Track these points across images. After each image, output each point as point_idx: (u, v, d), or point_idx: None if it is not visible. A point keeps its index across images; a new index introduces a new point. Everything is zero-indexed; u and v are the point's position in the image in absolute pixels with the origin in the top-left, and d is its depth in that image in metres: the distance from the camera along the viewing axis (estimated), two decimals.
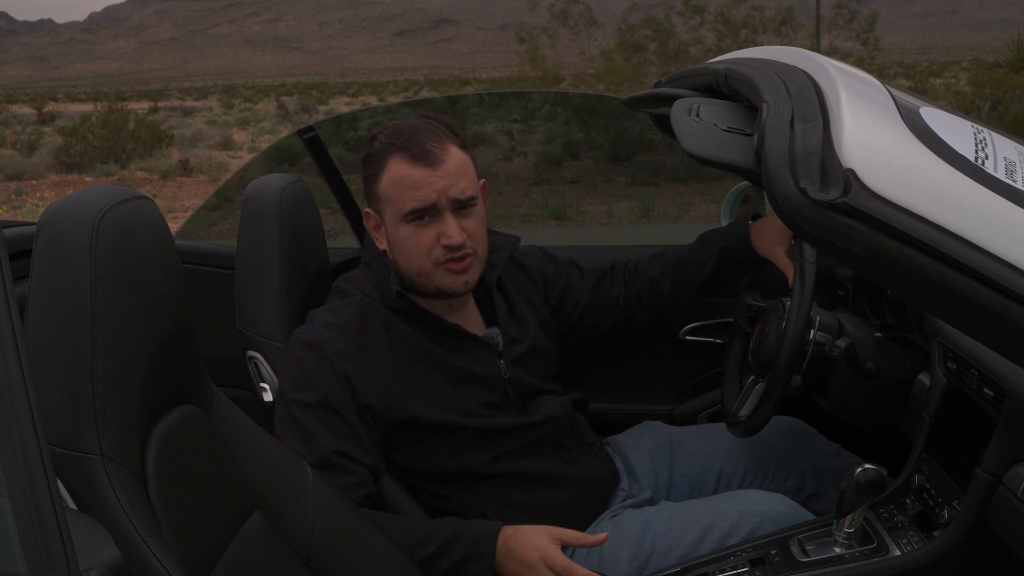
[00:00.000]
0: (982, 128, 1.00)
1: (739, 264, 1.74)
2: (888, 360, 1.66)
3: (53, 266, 0.95)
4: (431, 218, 1.50)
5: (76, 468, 0.93)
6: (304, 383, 1.48)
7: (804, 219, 0.83)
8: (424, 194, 1.48)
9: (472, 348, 1.59)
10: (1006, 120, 10.23)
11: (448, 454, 1.54)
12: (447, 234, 1.49)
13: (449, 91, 38.16)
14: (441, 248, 1.50)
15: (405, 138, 1.50)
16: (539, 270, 1.77)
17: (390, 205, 1.52)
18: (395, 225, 1.52)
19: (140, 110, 24.04)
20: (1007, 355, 0.92)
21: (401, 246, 1.53)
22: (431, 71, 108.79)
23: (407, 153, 1.49)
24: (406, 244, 1.52)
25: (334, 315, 1.55)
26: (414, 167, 1.49)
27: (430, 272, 1.52)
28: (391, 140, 1.51)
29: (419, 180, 1.48)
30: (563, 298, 1.78)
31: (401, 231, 1.52)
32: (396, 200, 1.50)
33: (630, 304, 1.80)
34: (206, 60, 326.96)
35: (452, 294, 1.55)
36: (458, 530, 1.43)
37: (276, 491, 1.21)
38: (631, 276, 1.81)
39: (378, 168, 1.53)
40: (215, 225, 7.27)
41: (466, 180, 1.51)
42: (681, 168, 9.84)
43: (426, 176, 1.48)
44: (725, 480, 1.74)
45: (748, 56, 1.22)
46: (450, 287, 1.53)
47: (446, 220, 1.50)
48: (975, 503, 1.27)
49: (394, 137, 1.51)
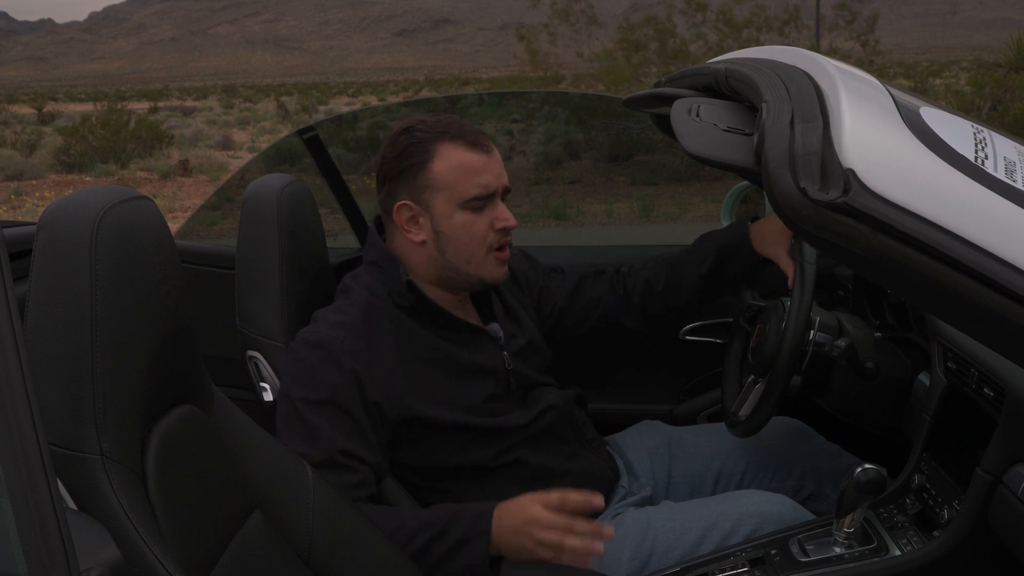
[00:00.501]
0: (982, 128, 1.00)
1: (737, 264, 1.73)
2: (888, 360, 1.66)
3: (53, 266, 0.95)
4: (486, 204, 1.54)
5: (76, 468, 0.93)
6: (310, 381, 1.47)
7: (804, 219, 0.83)
8: (487, 180, 1.53)
9: (477, 341, 1.60)
10: (1006, 120, 10.23)
11: (451, 451, 1.55)
12: (503, 218, 1.55)
13: (449, 91, 38.17)
14: (495, 233, 1.55)
15: (455, 126, 1.53)
16: (521, 272, 1.80)
17: (444, 192, 1.53)
18: (448, 213, 1.53)
19: (140, 110, 24.04)
20: (1007, 355, 0.92)
21: (454, 233, 1.54)
22: (431, 71, 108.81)
23: (463, 140, 1.52)
24: (461, 231, 1.54)
25: (340, 314, 1.55)
26: (474, 153, 1.52)
27: (482, 259, 1.56)
28: (440, 128, 1.53)
29: (481, 165, 1.52)
30: (540, 300, 1.80)
31: (456, 218, 1.53)
32: (456, 186, 1.52)
33: (615, 307, 1.80)
34: (206, 60, 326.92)
35: (494, 283, 1.60)
36: (453, 514, 1.43)
37: (276, 491, 1.21)
38: (623, 279, 1.81)
39: (425, 156, 1.53)
40: (215, 225, 7.27)
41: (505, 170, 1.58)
42: (681, 168, 9.84)
43: (486, 162, 1.53)
44: (725, 480, 1.74)
45: (748, 56, 1.22)
46: (494, 276, 1.58)
47: (499, 206, 1.55)
48: (975, 503, 1.27)
49: (440, 126, 1.54)
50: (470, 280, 1.58)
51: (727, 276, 1.75)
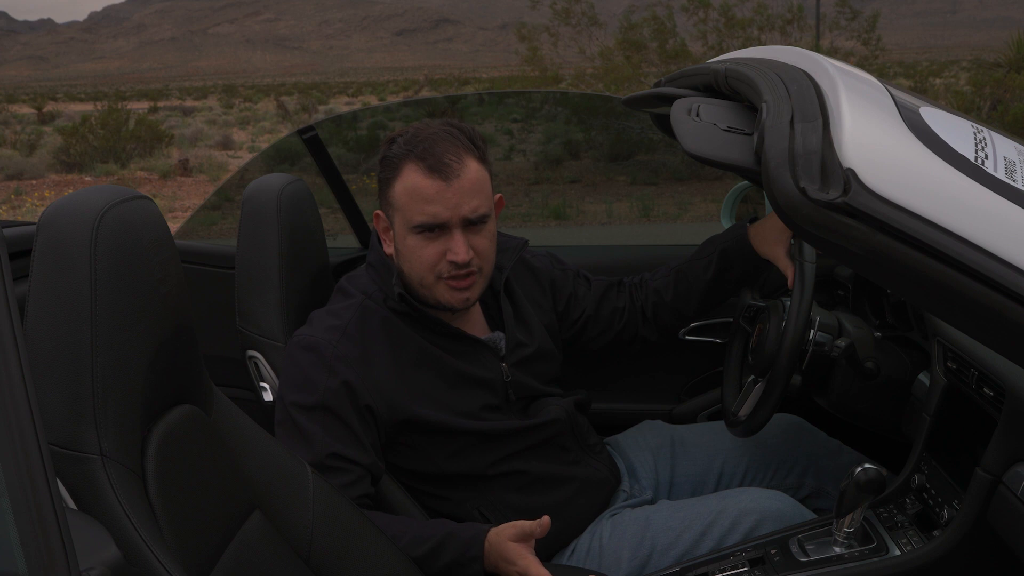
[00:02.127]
0: (982, 128, 1.00)
1: (740, 266, 1.72)
2: (888, 360, 1.66)
3: (53, 266, 0.95)
4: (440, 232, 1.48)
5: (76, 468, 0.93)
6: (302, 385, 1.48)
7: (804, 218, 0.83)
8: (435, 210, 1.46)
9: (474, 351, 1.58)
10: (1006, 120, 10.23)
11: (448, 456, 1.54)
12: (454, 251, 1.47)
13: (449, 91, 38.16)
14: (447, 263, 1.48)
15: (424, 147, 1.47)
16: (548, 274, 1.77)
17: (400, 213, 1.50)
18: (403, 233, 1.51)
19: (140, 110, 24.03)
20: (1007, 355, 0.92)
21: (406, 255, 1.52)
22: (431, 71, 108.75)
23: (423, 163, 1.46)
24: (411, 254, 1.50)
25: (335, 317, 1.54)
26: (429, 179, 1.46)
27: (432, 285, 1.51)
28: (409, 146, 1.48)
29: (432, 194, 1.46)
30: (569, 305, 1.77)
31: (408, 240, 1.50)
32: (406, 210, 1.48)
33: (635, 317, 1.79)
34: (206, 60, 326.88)
35: (451, 308, 1.54)
36: (449, 532, 1.43)
37: (276, 491, 1.21)
38: (637, 290, 1.80)
39: (393, 173, 1.50)
40: (215, 225, 7.27)
41: (479, 198, 1.48)
42: (681, 168, 9.83)
43: (440, 191, 1.45)
44: (726, 479, 1.74)
45: (748, 56, 1.22)
46: (449, 302, 1.52)
47: (454, 237, 1.47)
48: (975, 503, 1.27)
49: (413, 143, 1.48)
50: (428, 300, 1.54)
51: (731, 278, 1.74)
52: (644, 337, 1.80)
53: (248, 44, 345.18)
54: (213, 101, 45.07)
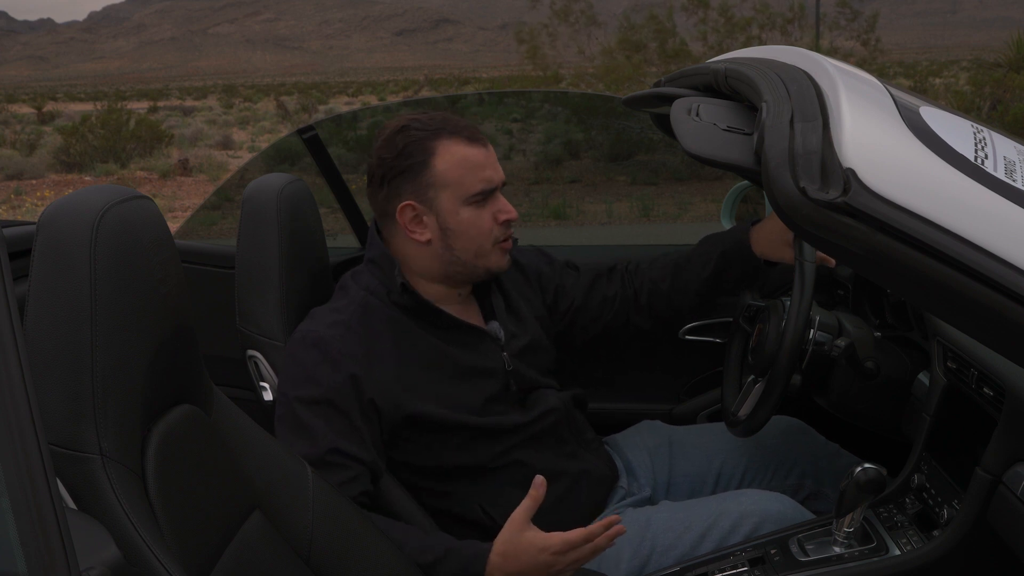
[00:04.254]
0: (982, 128, 1.00)
1: (738, 269, 1.72)
2: (888, 360, 1.66)
3: (53, 265, 0.95)
4: (487, 197, 1.55)
5: (76, 468, 0.93)
6: (305, 380, 1.47)
7: (804, 218, 0.83)
8: (489, 174, 1.54)
9: (476, 341, 1.59)
10: (1006, 120, 10.23)
11: (451, 450, 1.54)
12: (507, 210, 1.56)
13: (449, 91, 38.16)
14: (499, 226, 1.56)
15: (451, 122, 1.54)
16: (534, 268, 1.78)
17: (449, 189, 1.53)
18: (454, 209, 1.53)
19: (140, 110, 24.04)
20: (1007, 355, 0.92)
21: (462, 229, 1.54)
22: (431, 71, 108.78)
23: (461, 136, 1.52)
24: (468, 227, 1.54)
25: (337, 313, 1.55)
26: (474, 147, 1.53)
27: (488, 252, 1.57)
28: (434, 125, 1.53)
29: (482, 159, 1.54)
30: (557, 297, 1.78)
31: (462, 213, 1.54)
32: (461, 182, 1.52)
33: (626, 305, 1.79)
34: (206, 60, 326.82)
35: (499, 272, 1.62)
36: (450, 548, 1.41)
37: (276, 491, 1.21)
38: (631, 276, 1.81)
39: (426, 155, 1.52)
40: (215, 225, 7.27)
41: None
42: (681, 167, 9.83)
43: (487, 156, 1.55)
44: (725, 479, 1.74)
45: (748, 56, 1.22)
46: (499, 266, 1.60)
47: (499, 199, 1.56)
48: (975, 502, 1.27)
49: (435, 123, 1.54)
50: (478, 272, 1.59)
51: (728, 280, 1.74)
52: (636, 325, 1.81)
53: (248, 44, 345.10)
54: (213, 101, 45.08)
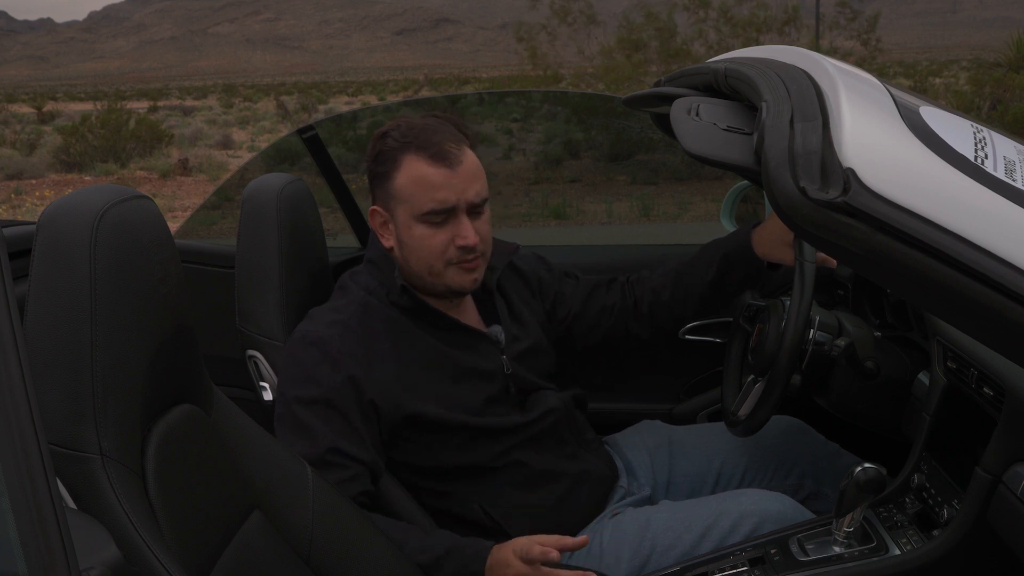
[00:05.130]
0: (982, 127, 1.00)
1: (741, 271, 1.71)
2: (888, 359, 1.66)
3: (53, 265, 0.95)
4: (446, 218, 1.50)
5: (76, 467, 0.93)
6: (305, 380, 1.48)
7: (804, 218, 0.83)
8: (444, 196, 1.49)
9: (475, 343, 1.59)
10: (1006, 120, 10.23)
11: (450, 451, 1.54)
12: (463, 235, 1.50)
13: (449, 90, 38.16)
14: (455, 249, 1.51)
15: (423, 137, 1.50)
16: (534, 274, 1.78)
17: (405, 204, 1.51)
18: (408, 224, 1.52)
19: (140, 109, 24.04)
20: (1007, 354, 0.92)
21: (413, 245, 1.53)
22: (431, 70, 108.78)
23: (426, 153, 1.49)
24: (419, 243, 1.52)
25: (336, 312, 1.55)
26: (434, 167, 1.49)
27: (441, 271, 1.53)
28: (407, 138, 1.51)
29: (439, 181, 1.48)
30: (556, 304, 1.78)
31: (415, 230, 1.51)
32: (413, 199, 1.50)
33: (625, 315, 1.79)
34: (206, 59, 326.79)
35: (461, 292, 1.57)
36: (452, 546, 1.42)
37: (276, 491, 1.21)
38: (632, 287, 1.80)
39: (391, 166, 1.52)
40: (215, 224, 7.27)
41: (480, 183, 1.52)
42: (681, 167, 9.83)
43: (446, 178, 1.49)
44: (725, 479, 1.74)
45: (748, 55, 1.22)
46: (460, 285, 1.55)
47: (461, 222, 1.51)
48: (975, 502, 1.27)
49: (410, 135, 1.51)
50: (437, 288, 1.56)
51: (732, 283, 1.73)
52: (636, 335, 1.80)
53: (248, 44, 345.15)
54: (213, 101, 45.06)
